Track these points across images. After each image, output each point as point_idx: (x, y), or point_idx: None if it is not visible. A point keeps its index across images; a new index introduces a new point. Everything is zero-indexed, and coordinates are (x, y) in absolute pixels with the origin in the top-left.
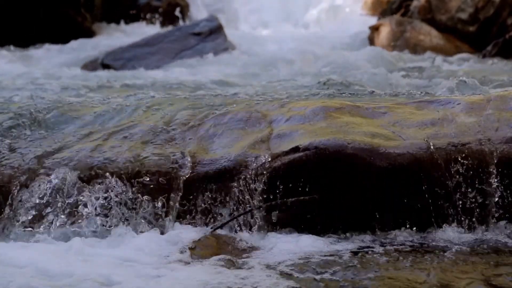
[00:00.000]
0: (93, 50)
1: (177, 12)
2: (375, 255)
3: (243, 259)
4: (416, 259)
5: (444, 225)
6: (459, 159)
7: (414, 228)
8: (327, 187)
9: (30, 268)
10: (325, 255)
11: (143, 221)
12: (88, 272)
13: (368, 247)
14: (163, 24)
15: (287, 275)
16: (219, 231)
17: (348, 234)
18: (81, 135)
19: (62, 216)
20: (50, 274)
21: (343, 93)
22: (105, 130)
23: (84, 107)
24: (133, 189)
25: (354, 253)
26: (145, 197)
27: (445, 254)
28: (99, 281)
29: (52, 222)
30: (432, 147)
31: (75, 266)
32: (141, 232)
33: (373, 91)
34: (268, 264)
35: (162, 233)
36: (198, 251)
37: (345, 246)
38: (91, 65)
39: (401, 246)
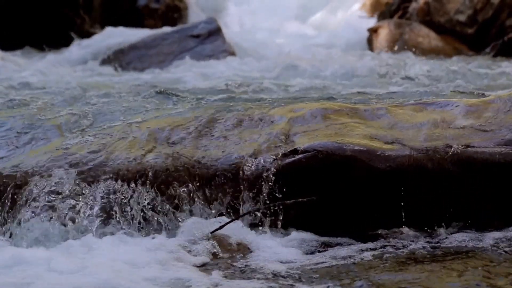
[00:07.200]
0: (92, 52)
1: (175, 14)
2: (374, 257)
3: (241, 261)
4: (420, 260)
5: (449, 226)
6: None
7: (417, 229)
8: (325, 189)
9: None
10: (324, 256)
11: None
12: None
13: (367, 248)
14: (161, 26)
15: (286, 276)
16: (217, 233)
17: (346, 236)
18: (85, 135)
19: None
20: None
21: (341, 95)
22: (108, 131)
23: (86, 109)
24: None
25: (354, 254)
26: (151, 196)
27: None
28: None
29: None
30: (430, 149)
31: None
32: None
33: (372, 93)
34: (266, 265)
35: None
36: (197, 252)
37: (344, 248)
38: (90, 67)
39: (403, 248)
